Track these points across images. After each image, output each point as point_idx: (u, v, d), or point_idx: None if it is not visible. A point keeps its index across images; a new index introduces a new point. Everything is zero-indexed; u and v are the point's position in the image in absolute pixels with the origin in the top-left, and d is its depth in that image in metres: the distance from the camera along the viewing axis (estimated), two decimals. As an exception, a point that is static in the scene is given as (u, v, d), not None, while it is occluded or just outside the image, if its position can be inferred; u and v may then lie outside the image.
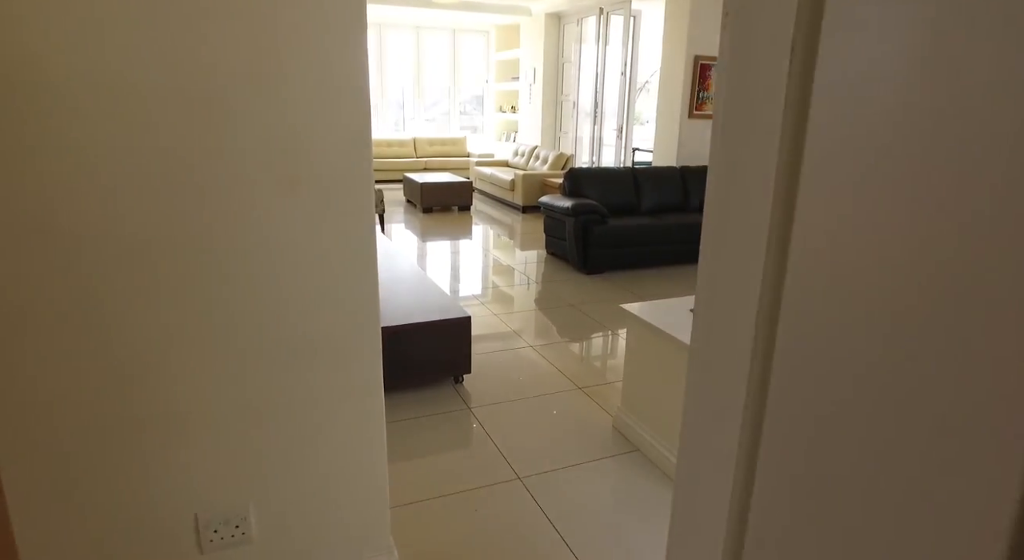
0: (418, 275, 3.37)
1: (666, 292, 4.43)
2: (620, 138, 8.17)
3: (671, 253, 5.09)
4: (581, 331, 3.66)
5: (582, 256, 4.79)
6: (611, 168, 5.43)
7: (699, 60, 6.39)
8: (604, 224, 4.73)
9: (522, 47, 9.94)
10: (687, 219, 5.14)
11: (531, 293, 4.39)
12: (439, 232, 6.43)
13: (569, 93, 9.15)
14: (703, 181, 5.96)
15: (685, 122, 6.55)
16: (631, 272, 4.92)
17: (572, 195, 5.18)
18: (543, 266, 5.14)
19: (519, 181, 7.51)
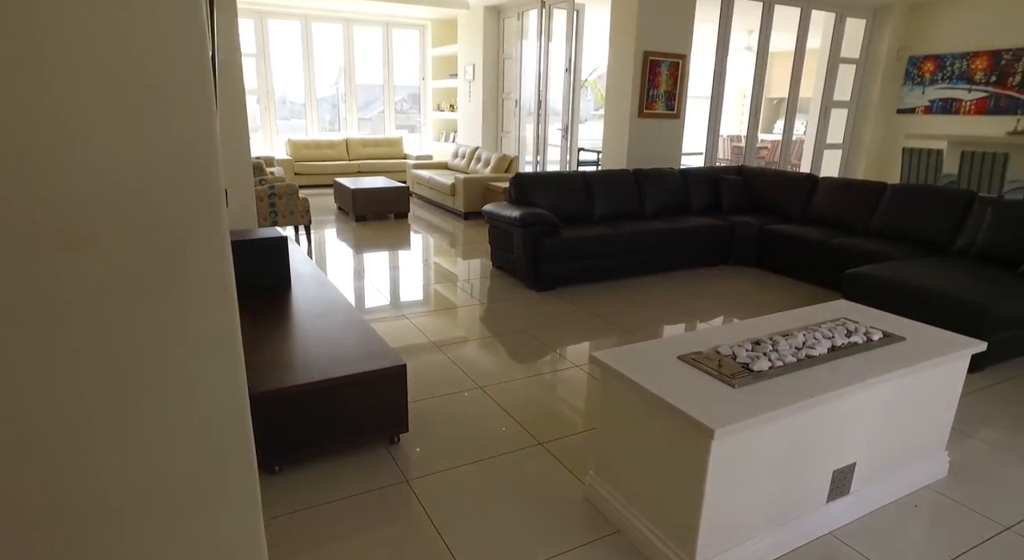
0: (344, 311, 2.82)
1: (626, 309, 4.03)
2: (566, 138, 7.77)
3: (629, 265, 4.70)
4: (537, 364, 3.19)
5: (532, 271, 4.33)
6: (561, 172, 5.00)
7: (649, 56, 6.05)
8: (556, 236, 4.29)
9: (460, 42, 9.42)
10: (644, 227, 4.77)
11: (477, 316, 3.90)
12: (373, 244, 5.84)
13: (511, 91, 8.70)
14: (660, 185, 5.65)
15: (635, 121, 6.21)
16: (586, 287, 4.50)
17: (519, 203, 4.72)
18: (489, 282, 4.65)
19: (460, 185, 6.98)
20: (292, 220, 5.47)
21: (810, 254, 4.61)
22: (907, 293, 3.34)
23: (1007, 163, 5.06)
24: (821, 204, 5.06)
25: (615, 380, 1.85)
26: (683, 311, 4.07)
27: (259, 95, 9.63)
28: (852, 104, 8.21)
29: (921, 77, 7.77)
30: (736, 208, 5.58)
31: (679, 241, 4.87)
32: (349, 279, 4.64)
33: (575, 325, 3.74)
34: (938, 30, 7.56)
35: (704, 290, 4.52)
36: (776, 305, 4.15)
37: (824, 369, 1.81)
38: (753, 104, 7.51)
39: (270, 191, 5.28)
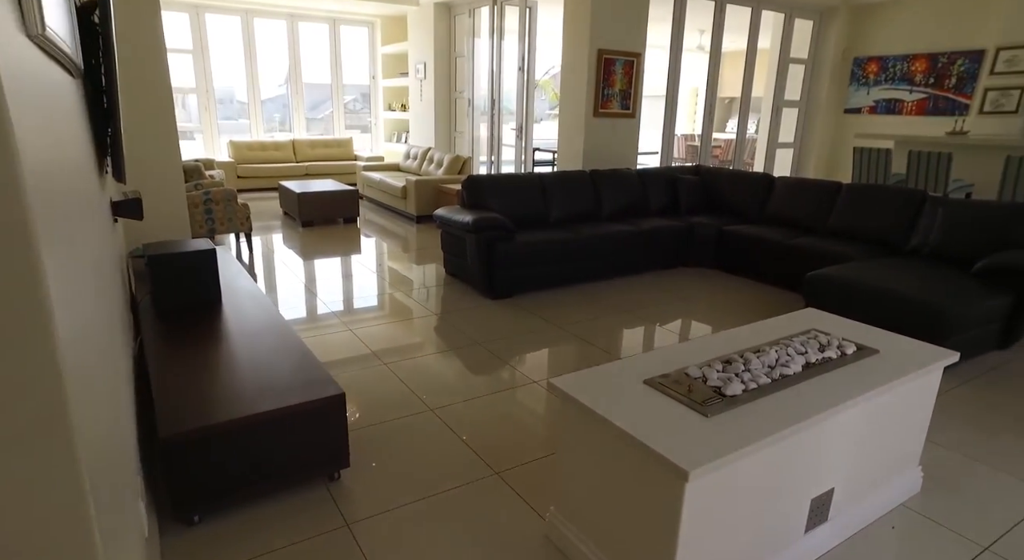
0: (279, 331, 2.55)
1: (585, 316, 3.88)
2: (520, 138, 7.61)
3: (587, 269, 4.56)
4: (492, 381, 2.99)
5: (487, 279, 4.13)
6: (516, 175, 4.81)
7: (603, 54, 5.93)
8: (511, 241, 4.10)
9: (410, 40, 9.13)
10: (602, 230, 4.63)
11: (429, 327, 3.67)
12: (320, 251, 5.53)
13: (463, 90, 8.47)
14: (617, 186, 5.52)
15: (590, 121, 6.08)
16: (543, 294, 4.33)
17: (472, 207, 4.51)
18: (442, 290, 4.42)
19: (411, 188, 6.72)
20: (231, 228, 5.12)
21: (769, 255, 4.56)
22: (869, 295, 3.29)
23: (951, 163, 5.14)
24: (778, 204, 5.03)
25: (576, 410, 1.66)
26: (644, 317, 3.94)
27: (198, 93, 9.12)
28: (802, 104, 8.32)
29: (866, 78, 7.93)
30: (694, 208, 5.51)
31: (638, 243, 4.75)
32: (292, 290, 4.34)
33: (532, 336, 3.56)
34: (880, 32, 7.72)
35: (665, 294, 4.41)
36: (739, 308, 4.07)
37: (801, 389, 1.67)
38: (707, 103, 7.50)
39: (205, 197, 4.91)
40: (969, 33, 6.86)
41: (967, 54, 6.88)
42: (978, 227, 3.69)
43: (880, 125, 7.73)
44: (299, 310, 3.92)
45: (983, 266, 3.38)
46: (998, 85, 6.46)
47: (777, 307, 4.11)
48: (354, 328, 3.60)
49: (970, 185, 5.77)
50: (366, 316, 3.82)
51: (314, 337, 3.45)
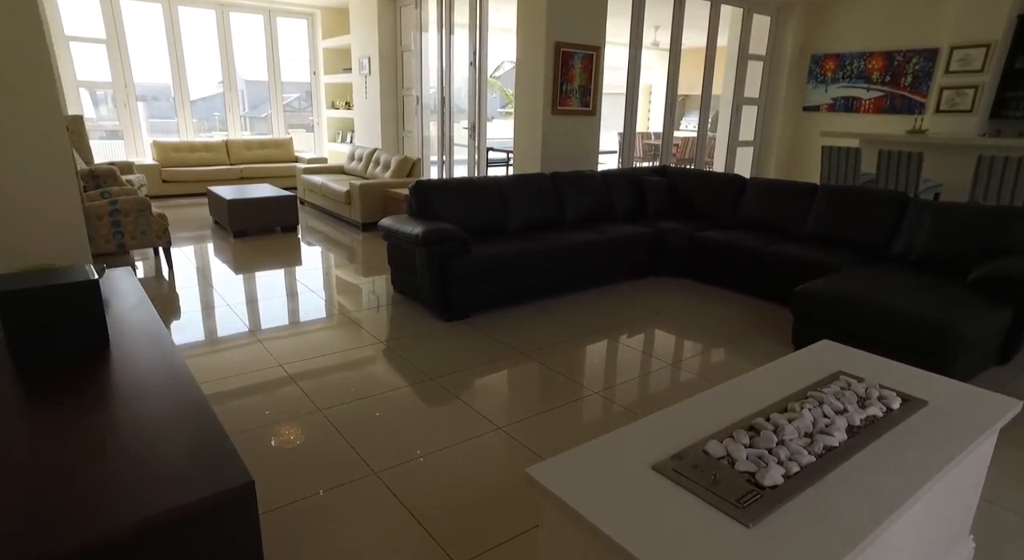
0: (176, 386, 2.00)
1: (553, 339, 3.45)
2: (473, 137, 7.14)
3: (551, 282, 4.13)
4: (448, 429, 2.53)
5: (440, 298, 3.65)
6: (469, 179, 4.34)
7: (560, 47, 5.52)
8: (466, 255, 3.63)
9: (353, 33, 8.53)
10: (566, 239, 4.21)
11: (374, 360, 3.17)
12: (251, 265, 4.92)
13: (411, 86, 7.93)
14: (580, 191, 5.06)
15: (548, 119, 5.67)
16: (504, 312, 3.88)
17: (421, 216, 4.01)
18: (390, 310, 3.91)
19: (356, 193, 6.16)
20: (145, 242, 4.46)
21: (746, 263, 4.24)
22: (865, 312, 2.97)
23: (922, 162, 4.96)
24: (751, 207, 4.73)
25: (562, 516, 1.22)
26: (620, 338, 3.54)
27: (115, 88, 8.26)
28: (761, 101, 8.14)
29: (824, 75, 7.81)
30: (662, 212, 5.16)
31: (605, 253, 4.35)
32: (213, 316, 3.75)
33: (495, 366, 3.10)
34: (837, 29, 7.60)
35: (638, 309, 4.03)
36: (721, 325, 3.72)
37: (854, 470, 1.28)
38: (668, 101, 7.21)
39: (112, 207, 4.25)
40: (923, 31, 6.78)
41: (922, 52, 6.80)
42: (967, 232, 3.44)
43: (839, 123, 7.61)
44: (217, 343, 3.35)
45: (980, 276, 3.12)
46: (953, 84, 6.38)
47: (761, 322, 3.79)
48: (285, 363, 3.06)
49: (938, 185, 5.64)
50: (299, 347, 3.28)
51: (233, 377, 2.89)
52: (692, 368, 3.11)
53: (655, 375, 3.02)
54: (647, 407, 2.69)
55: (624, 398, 2.77)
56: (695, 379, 2.98)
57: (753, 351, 3.35)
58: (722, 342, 3.47)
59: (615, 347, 3.40)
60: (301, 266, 4.94)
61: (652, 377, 3.00)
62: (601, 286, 4.48)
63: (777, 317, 3.88)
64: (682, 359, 3.23)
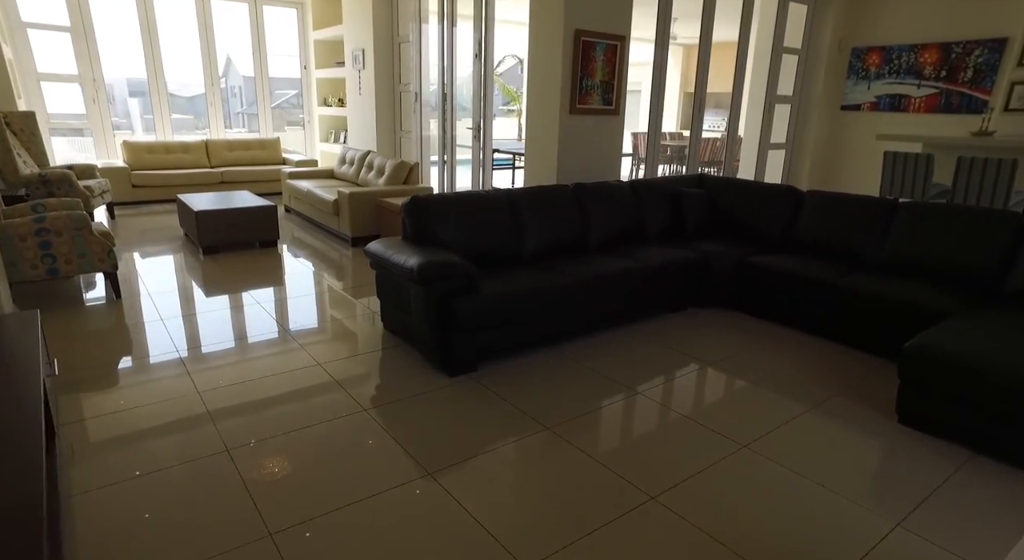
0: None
1: (585, 405, 2.69)
2: (477, 138, 6.37)
3: (575, 322, 3.36)
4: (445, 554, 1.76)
5: (441, 348, 2.88)
6: (475, 194, 3.56)
7: (581, 36, 4.75)
8: (473, 294, 2.86)
9: (345, 23, 7.75)
10: (594, 267, 3.44)
11: (357, 441, 2.40)
12: (218, 290, 4.16)
13: (409, 81, 7.16)
14: (608, 205, 3.81)
15: (566, 120, 4.90)
16: (519, 363, 3.11)
17: (418, 240, 3.25)
18: (379, 358, 3.15)
19: (345, 202, 5.38)
20: (84, 266, 3.69)
21: (813, 297, 3.47)
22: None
23: (1015, 171, 4.19)
24: (811, 226, 3.96)
25: None
26: (669, 402, 2.78)
27: (82, 82, 7.48)
28: (795, 99, 7.37)
29: (866, 71, 7.03)
30: (701, 230, 4.39)
31: (642, 284, 3.59)
32: (143, 369, 2.98)
33: (509, 451, 2.33)
34: (883, 19, 6.82)
35: (685, 355, 3.26)
36: (792, 378, 2.94)
37: None
38: (696, 99, 6.43)
39: (37, 225, 3.47)
40: (988, 19, 5.99)
41: (986, 43, 6.02)
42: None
43: (883, 124, 6.83)
44: (149, 414, 2.58)
45: None
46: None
47: (844, 376, 3.02)
48: (232, 443, 2.29)
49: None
50: (256, 422, 2.51)
51: (167, 469, 2.13)
52: (776, 452, 2.35)
53: (730, 466, 2.26)
54: (735, 531, 1.92)
55: (697, 511, 2.00)
56: (788, 474, 2.22)
57: (849, 422, 2.58)
58: (802, 407, 2.71)
59: (666, 415, 2.64)
60: (276, 293, 4.17)
61: (728, 470, 2.23)
62: (634, 322, 3.72)
63: (861, 368, 3.12)
64: (759, 437, 2.46)
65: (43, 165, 5.99)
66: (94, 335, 3.32)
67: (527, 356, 3.17)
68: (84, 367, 2.91)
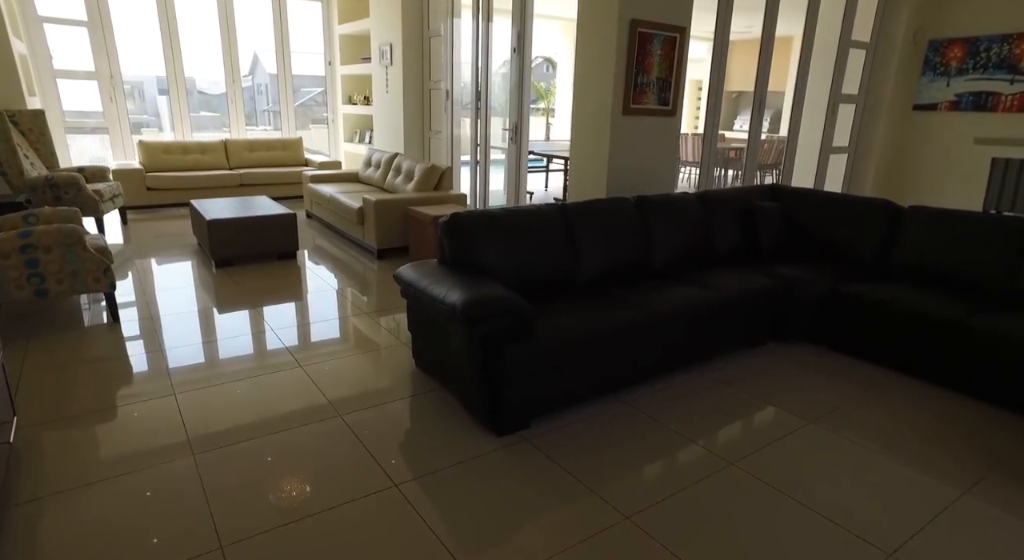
0: None
1: (659, 471, 2.15)
2: (515, 140, 5.84)
3: (641, 363, 2.82)
4: None
5: (487, 402, 2.36)
6: (525, 210, 3.02)
7: (638, 27, 4.19)
8: (527, 336, 2.33)
9: (372, 17, 7.29)
10: (665, 297, 2.88)
11: (388, 527, 1.90)
12: (230, 307, 3.71)
13: (440, 78, 6.66)
14: (673, 221, 3.17)
15: (619, 121, 4.35)
16: (575, 417, 2.58)
17: (457, 264, 2.73)
18: (408, 406, 2.64)
19: (370, 211, 4.90)
20: (77, 286, 3.25)
21: (931, 338, 2.88)
22: None
23: None
24: (913, 248, 3.36)
25: None
26: (771, 477, 2.22)
27: (99, 79, 7.14)
28: (860, 98, 6.70)
29: (946, 66, 6.33)
30: (777, 250, 3.81)
31: (718, 316, 3.03)
32: (127, 420, 2.52)
33: (574, 551, 1.81)
34: (968, 7, 6.11)
35: (780, 409, 2.70)
36: (924, 445, 2.36)
37: None
38: (756, 99, 5.82)
39: (22, 241, 3.04)
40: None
41: (1092, 35, 5.32)
42: None
43: (966, 125, 6.14)
44: (128, 492, 2.11)
45: None
46: None
47: (987, 442, 2.42)
48: (232, 548, 1.80)
49: None
50: (253, 498, 2.02)
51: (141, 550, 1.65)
52: (927, 563, 1.78)
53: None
54: None
55: None
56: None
57: (1018, 511, 2.00)
58: (952, 490, 2.13)
59: (776, 502, 2.07)
60: (292, 317, 3.70)
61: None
62: (707, 361, 3.16)
63: (1008, 432, 2.52)
64: (911, 536, 1.89)
65: (52, 167, 5.63)
66: (80, 371, 2.87)
67: (586, 408, 2.63)
68: (57, 417, 2.45)
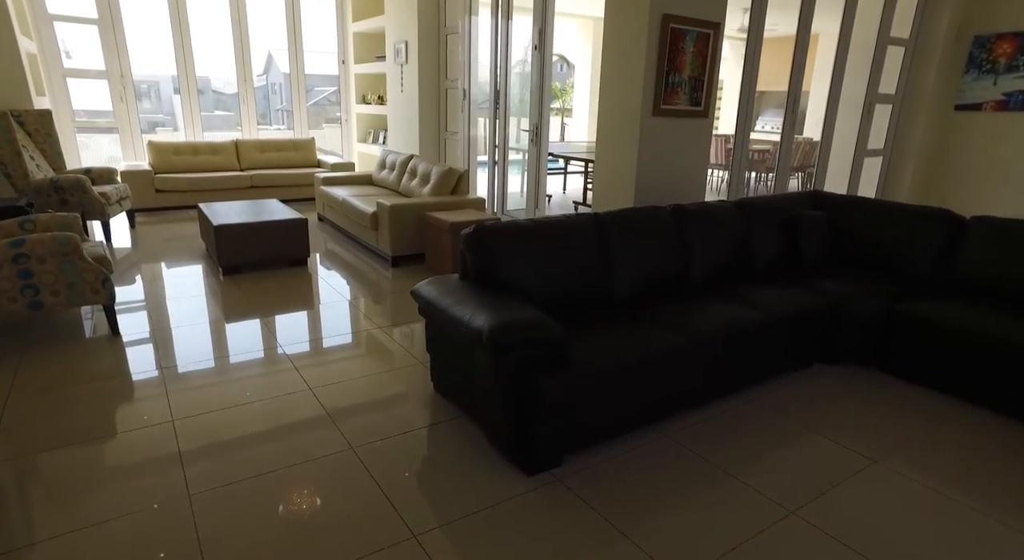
0: None
1: (707, 521, 1.90)
2: (535, 142, 5.60)
3: (680, 390, 2.56)
4: None
5: (517, 437, 2.12)
6: (557, 220, 2.76)
7: (669, 22, 3.93)
8: (562, 364, 2.08)
9: (387, 14, 7.08)
10: (707, 316, 2.63)
11: None
12: (238, 317, 3.49)
13: (456, 77, 6.43)
14: (711, 232, 2.85)
15: (648, 122, 4.08)
16: (611, 452, 2.33)
17: (481, 279, 2.49)
18: (429, 439, 2.40)
19: (384, 216, 4.68)
20: (74, 298, 3.05)
21: (1010, 365, 2.59)
22: None
23: None
24: (978, 261, 3.07)
25: None
26: (859, 540, 1.95)
27: (109, 78, 6.98)
28: (897, 98, 6.38)
29: (993, 63, 5.99)
30: (822, 263, 3.53)
31: (764, 338, 2.76)
32: (122, 449, 2.30)
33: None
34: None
35: (839, 445, 2.42)
36: (1017, 494, 2.08)
37: None
38: (791, 99, 5.52)
39: (14, 252, 2.84)
40: None
41: None
42: None
43: (1015, 126, 5.81)
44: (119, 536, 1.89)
45: None
46: None
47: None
48: None
49: None
50: (264, 556, 1.79)
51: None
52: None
53: None
54: None
55: None
56: None
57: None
58: (1040, 549, 1.85)
59: (842, 559, 1.81)
60: (303, 331, 3.48)
61: None
62: (752, 386, 2.89)
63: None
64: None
65: (58, 168, 5.47)
66: (72, 392, 2.66)
67: (622, 441, 2.38)
68: (43, 449, 2.24)
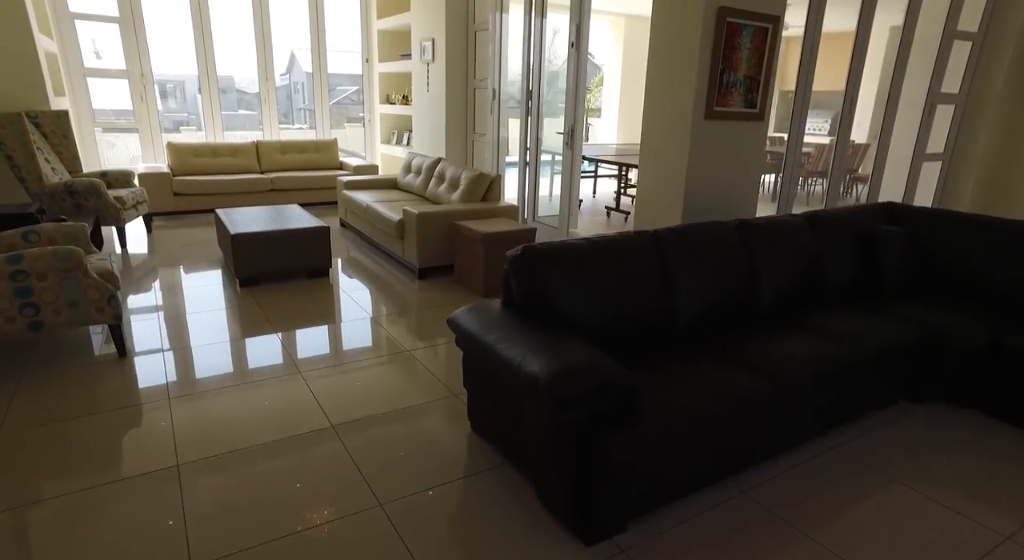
0: None
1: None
2: (569, 146, 5.26)
3: (758, 440, 2.21)
4: None
5: (577, 503, 1.79)
6: (610, 239, 2.42)
7: (726, 16, 3.57)
8: (634, 418, 1.75)
9: (413, 10, 6.79)
10: (782, 349, 2.28)
11: None
12: (253, 332, 3.21)
13: (485, 77, 6.12)
14: (779, 250, 2.44)
15: (700, 126, 3.73)
16: (680, 515, 1.99)
17: (528, 308, 2.16)
18: (467, 496, 2.09)
19: (412, 224, 4.38)
20: (77, 318, 2.79)
21: None
22: None
23: None
24: (1094, 291, 2.67)
25: None
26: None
27: (130, 77, 6.80)
28: (960, 98, 5.92)
29: (1067, 63, 5.52)
30: (903, 286, 3.15)
31: (851, 376, 2.39)
32: (118, 504, 2.02)
33: None
34: (1096, -5, 5.30)
35: (952, 510, 2.06)
36: None
37: None
38: (847, 100, 5.11)
39: (11, 268, 2.59)
40: None
41: None
42: None
43: (1091, 132, 5.33)
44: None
45: None
46: None
47: None
48: None
49: None
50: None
51: None
52: None
53: None
54: None
55: None
56: None
57: None
58: None
59: None
60: (322, 355, 3.18)
61: None
62: (832, 429, 2.53)
63: None
64: None
65: (74, 171, 5.27)
66: (71, 426, 2.40)
67: (693, 502, 2.04)
68: (32, 501, 1.97)
